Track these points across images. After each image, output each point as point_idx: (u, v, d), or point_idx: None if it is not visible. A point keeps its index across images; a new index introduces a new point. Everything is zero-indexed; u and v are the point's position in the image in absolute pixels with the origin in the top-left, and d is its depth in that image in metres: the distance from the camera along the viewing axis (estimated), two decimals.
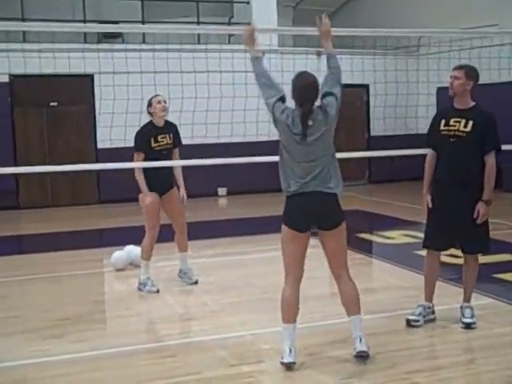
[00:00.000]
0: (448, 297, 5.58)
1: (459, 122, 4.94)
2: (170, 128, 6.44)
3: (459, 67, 5.03)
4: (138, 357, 4.66)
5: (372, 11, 17.30)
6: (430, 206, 5.07)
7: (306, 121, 4.17)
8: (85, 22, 13.62)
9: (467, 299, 5.11)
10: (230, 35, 14.75)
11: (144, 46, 13.16)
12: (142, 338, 5.04)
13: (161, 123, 6.33)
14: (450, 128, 4.98)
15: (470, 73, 4.98)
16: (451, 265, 6.41)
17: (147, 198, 6.21)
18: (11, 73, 12.53)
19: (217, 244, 8.79)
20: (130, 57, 11.85)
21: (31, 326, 5.47)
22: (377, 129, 15.27)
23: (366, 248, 8.70)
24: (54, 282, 7.09)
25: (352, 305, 4.36)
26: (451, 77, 5.00)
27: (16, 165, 12.22)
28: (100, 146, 13.07)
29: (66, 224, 10.98)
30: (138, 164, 6.18)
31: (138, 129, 6.42)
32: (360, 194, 14.23)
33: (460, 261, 5.22)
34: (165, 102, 6.31)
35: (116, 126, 10.02)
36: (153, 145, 6.24)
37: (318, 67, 13.35)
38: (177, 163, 6.42)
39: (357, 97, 15.67)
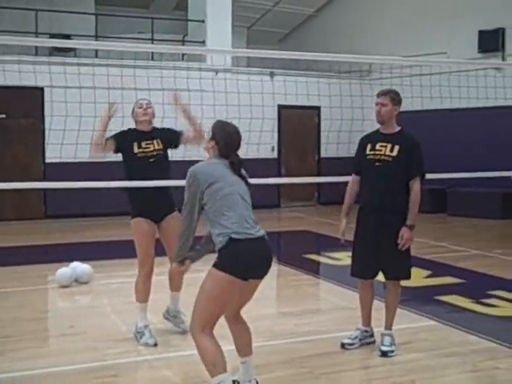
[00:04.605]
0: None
1: (385, 146, 4.92)
2: (159, 133, 5.41)
3: (384, 93, 4.99)
4: (81, 376, 4.58)
5: (324, 35, 17.62)
6: (343, 228, 5.08)
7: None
8: (37, 34, 13.47)
9: (388, 326, 5.05)
10: (183, 53, 14.79)
11: (97, 61, 13.07)
12: (86, 357, 4.95)
13: (146, 129, 5.38)
14: (376, 152, 4.95)
15: (396, 98, 4.97)
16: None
17: (137, 225, 5.27)
18: None
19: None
20: (83, 71, 11.75)
21: None
22: (326, 151, 15.44)
23: (314, 269, 8.78)
24: None
25: (249, 346, 4.08)
26: (377, 104, 4.97)
27: None
28: (48, 160, 12.87)
29: (10, 239, 10.74)
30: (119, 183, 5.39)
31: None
32: (309, 214, 14.38)
33: (407, 283, 5.30)
34: (148, 105, 5.37)
35: (67, 138, 9.92)
36: (135, 150, 5.25)
37: (272, 87, 13.61)
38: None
39: (308, 118, 15.85)
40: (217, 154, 3.95)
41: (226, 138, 3.93)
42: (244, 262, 3.69)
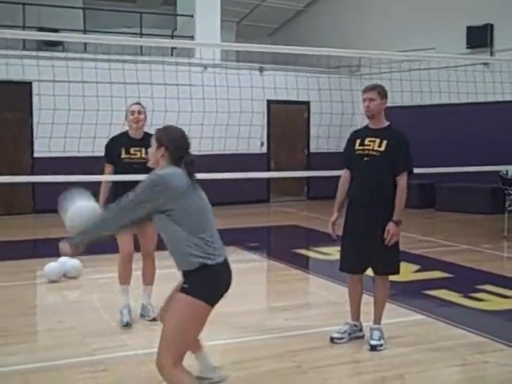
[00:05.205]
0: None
1: (374, 141, 4.94)
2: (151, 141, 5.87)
3: (371, 88, 5.00)
4: (69, 371, 4.57)
5: (313, 30, 17.62)
6: (332, 221, 5.14)
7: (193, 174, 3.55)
8: (24, 28, 13.37)
9: (377, 321, 5.07)
10: (172, 48, 14.74)
11: (85, 55, 13.00)
12: (74, 352, 4.94)
13: (137, 135, 5.62)
14: (365, 147, 4.97)
15: (383, 92, 4.99)
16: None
17: None
18: None
19: (158, 256, 8.69)
20: (71, 66, 11.69)
21: None
22: (316, 145, 15.46)
23: (303, 263, 8.78)
24: None
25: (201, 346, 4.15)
26: (365, 99, 4.97)
27: None
28: (37, 154, 12.81)
29: None
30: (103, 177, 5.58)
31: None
32: (298, 209, 14.39)
33: (395, 278, 5.32)
34: (140, 112, 5.58)
35: (55, 132, 9.86)
36: (122, 156, 5.57)
37: (262, 82, 13.61)
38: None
39: (298, 113, 15.84)
40: (169, 162, 3.53)
41: (175, 142, 3.55)
42: (216, 288, 3.47)
